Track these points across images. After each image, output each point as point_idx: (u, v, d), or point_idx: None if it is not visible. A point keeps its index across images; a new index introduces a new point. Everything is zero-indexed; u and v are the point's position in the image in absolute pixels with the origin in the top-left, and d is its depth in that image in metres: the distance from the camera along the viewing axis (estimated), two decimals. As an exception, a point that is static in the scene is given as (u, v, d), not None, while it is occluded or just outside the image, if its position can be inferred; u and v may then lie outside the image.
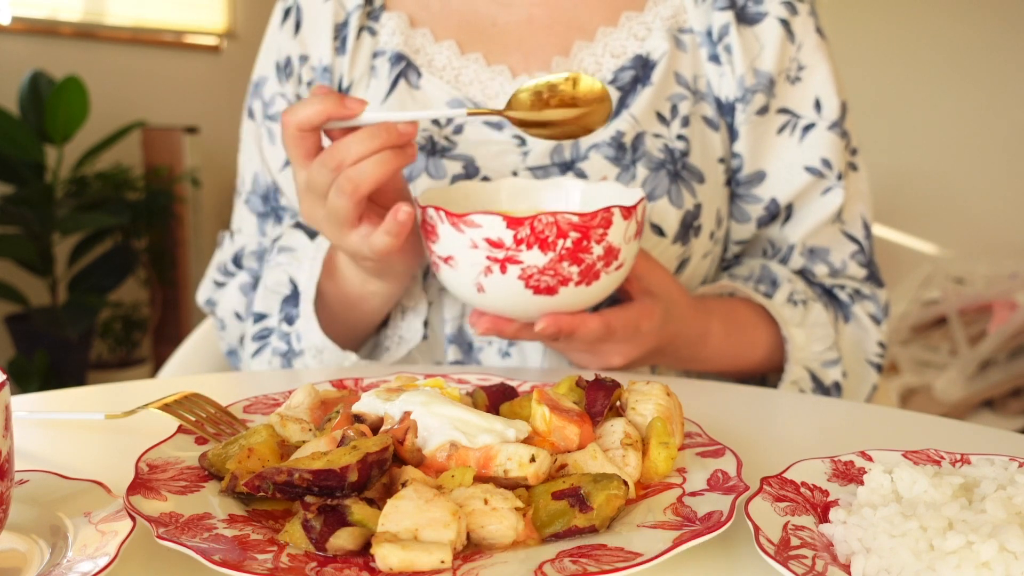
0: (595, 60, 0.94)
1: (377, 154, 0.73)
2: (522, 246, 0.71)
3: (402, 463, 0.52)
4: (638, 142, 0.91)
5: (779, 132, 0.95)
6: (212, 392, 0.67)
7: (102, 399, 0.75)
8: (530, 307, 0.75)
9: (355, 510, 0.46)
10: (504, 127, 0.93)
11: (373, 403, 0.57)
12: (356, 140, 0.73)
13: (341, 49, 0.98)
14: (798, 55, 0.95)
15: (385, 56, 0.97)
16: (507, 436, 0.53)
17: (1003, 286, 3.13)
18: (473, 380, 0.73)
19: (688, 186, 0.92)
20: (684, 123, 0.93)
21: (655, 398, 0.58)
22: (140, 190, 3.33)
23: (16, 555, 0.47)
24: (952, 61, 3.66)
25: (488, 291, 0.74)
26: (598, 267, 0.73)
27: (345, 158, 0.73)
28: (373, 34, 0.98)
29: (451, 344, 0.94)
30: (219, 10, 3.93)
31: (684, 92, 0.94)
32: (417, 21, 0.98)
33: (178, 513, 0.48)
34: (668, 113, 0.93)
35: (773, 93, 0.94)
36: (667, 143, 0.92)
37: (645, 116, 0.92)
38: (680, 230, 0.91)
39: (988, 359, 2.94)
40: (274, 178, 1.01)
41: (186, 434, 0.60)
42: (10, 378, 0.46)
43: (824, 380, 0.95)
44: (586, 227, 0.71)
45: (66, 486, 0.52)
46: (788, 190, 0.96)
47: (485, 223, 0.71)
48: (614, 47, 0.95)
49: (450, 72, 0.96)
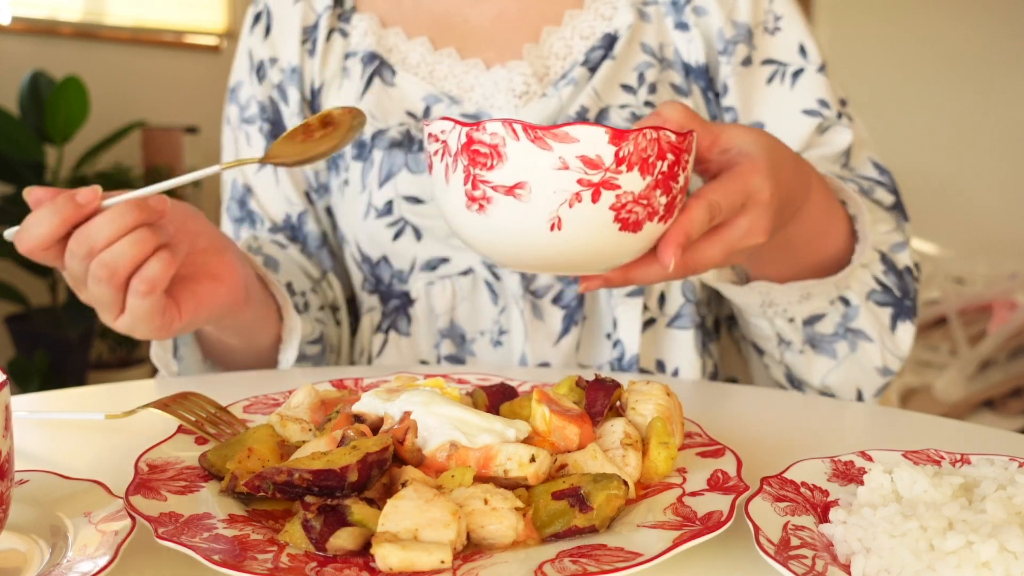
0: (565, 43, 0.95)
1: (130, 233, 0.67)
2: (623, 166, 0.58)
3: (402, 463, 0.52)
4: (601, 117, 0.92)
5: (768, 82, 0.94)
6: (212, 392, 0.67)
7: (102, 399, 0.75)
8: (608, 248, 0.61)
9: (355, 510, 0.46)
10: (481, 118, 0.93)
11: (373, 403, 0.57)
12: (105, 221, 0.66)
13: (312, 51, 0.99)
14: (772, 7, 0.95)
15: (357, 57, 0.97)
16: (507, 436, 0.53)
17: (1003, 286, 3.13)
18: (473, 380, 0.73)
19: None
20: (651, 90, 0.93)
21: (655, 398, 0.58)
22: (140, 190, 3.33)
23: (16, 555, 0.47)
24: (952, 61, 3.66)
25: (566, 227, 0.59)
26: (677, 201, 0.61)
27: (95, 243, 0.66)
28: (344, 36, 0.99)
29: (444, 338, 0.94)
30: (219, 10, 3.93)
31: (650, 60, 0.94)
32: (388, 21, 0.99)
33: (178, 513, 0.48)
34: (635, 82, 0.93)
35: (753, 44, 0.94)
36: (634, 111, 0.92)
37: (607, 89, 0.92)
38: None
39: (988, 359, 2.94)
40: (247, 181, 1.02)
41: (186, 434, 0.59)
42: (10, 378, 0.46)
43: (896, 263, 0.86)
44: (679, 149, 0.60)
45: (66, 486, 0.52)
46: (790, 140, 0.93)
47: (584, 137, 0.57)
48: (582, 29, 0.95)
49: (424, 68, 0.96)
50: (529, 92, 0.93)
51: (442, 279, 0.94)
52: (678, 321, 0.94)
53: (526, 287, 0.93)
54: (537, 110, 0.92)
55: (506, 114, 0.93)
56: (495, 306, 0.94)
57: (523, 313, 0.92)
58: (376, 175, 0.94)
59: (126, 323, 0.71)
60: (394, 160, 0.93)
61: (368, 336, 0.99)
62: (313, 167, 1.00)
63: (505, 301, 0.94)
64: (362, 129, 0.73)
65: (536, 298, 0.93)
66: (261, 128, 1.01)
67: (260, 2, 1.03)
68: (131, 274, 0.68)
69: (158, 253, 0.68)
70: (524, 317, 0.92)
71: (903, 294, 0.86)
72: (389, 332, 0.97)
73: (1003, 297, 3.04)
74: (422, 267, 0.95)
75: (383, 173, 0.94)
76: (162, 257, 0.68)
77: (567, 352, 0.93)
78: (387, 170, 0.93)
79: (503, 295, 0.94)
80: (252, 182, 1.01)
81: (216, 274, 0.77)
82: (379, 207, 0.94)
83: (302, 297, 0.94)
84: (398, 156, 0.93)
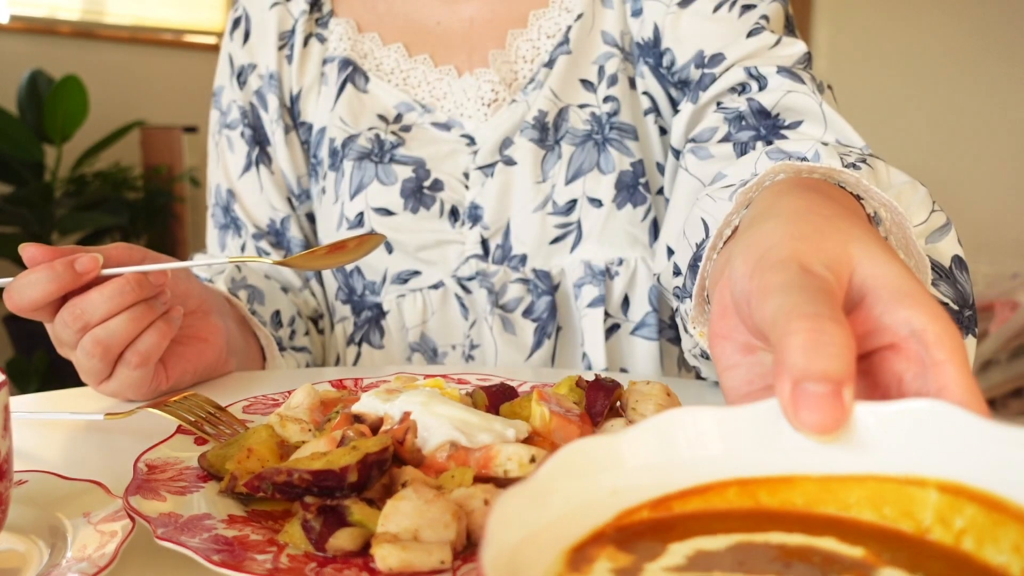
0: (532, 45, 0.93)
1: (127, 311, 0.66)
2: None
3: (402, 463, 0.52)
4: (560, 119, 0.90)
5: (715, 11, 0.84)
6: (212, 392, 0.67)
7: (101, 399, 0.75)
8: None
9: (355, 510, 0.46)
10: (452, 127, 0.93)
11: (373, 403, 0.57)
12: (103, 297, 0.65)
13: (290, 57, 0.98)
14: None
15: (334, 63, 0.97)
16: (507, 436, 0.53)
17: (1004, 286, 3.13)
18: (473, 380, 0.73)
19: (620, 146, 0.90)
20: (612, 82, 0.90)
21: (655, 398, 0.58)
22: (139, 190, 3.33)
23: (15, 555, 0.47)
24: (952, 61, 3.66)
25: None
26: None
27: (91, 318, 0.65)
28: (322, 41, 0.98)
29: (415, 352, 0.94)
30: (218, 9, 3.93)
31: (612, 50, 0.91)
32: (364, 26, 0.98)
33: (177, 513, 0.48)
34: (595, 77, 0.91)
35: None
36: (593, 111, 0.90)
37: (566, 89, 0.91)
38: (620, 193, 0.89)
39: (989, 359, 2.94)
40: (231, 186, 1.01)
41: (185, 434, 0.59)
42: (9, 378, 0.46)
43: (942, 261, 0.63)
44: None
45: (65, 486, 0.52)
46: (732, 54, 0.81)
47: None
48: (547, 27, 0.93)
49: (398, 75, 0.96)
50: (498, 99, 0.92)
51: (413, 292, 0.94)
52: (642, 330, 0.92)
53: (494, 302, 0.91)
54: (505, 117, 0.91)
55: (476, 122, 0.92)
56: (465, 320, 0.93)
57: (492, 328, 0.91)
58: (347, 186, 0.93)
59: (111, 389, 0.71)
60: (364, 172, 0.92)
61: (342, 345, 0.99)
62: (295, 173, 1.00)
63: (476, 315, 0.93)
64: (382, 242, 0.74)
65: (506, 312, 0.92)
66: (243, 133, 1.00)
67: (239, 6, 1.02)
68: (124, 349, 0.67)
69: (155, 325, 0.68)
70: (494, 332, 0.91)
71: (961, 303, 0.63)
72: (362, 344, 0.97)
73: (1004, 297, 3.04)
74: (393, 280, 0.94)
75: (353, 185, 0.93)
76: (158, 329, 0.68)
77: (540, 366, 0.91)
78: (358, 182, 0.93)
79: (473, 309, 0.93)
80: (236, 187, 1.01)
81: (203, 336, 0.77)
82: (350, 218, 0.93)
83: (289, 327, 0.93)
84: (368, 168, 0.92)
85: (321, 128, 0.98)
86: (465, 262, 0.93)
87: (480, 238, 0.92)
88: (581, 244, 0.91)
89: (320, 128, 0.98)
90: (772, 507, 0.34)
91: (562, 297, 0.92)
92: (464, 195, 0.92)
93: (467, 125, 0.93)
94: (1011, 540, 0.30)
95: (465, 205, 0.92)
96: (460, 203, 0.92)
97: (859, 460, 0.33)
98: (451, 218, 0.92)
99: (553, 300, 0.91)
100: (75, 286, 0.66)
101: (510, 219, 0.91)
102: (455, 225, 0.92)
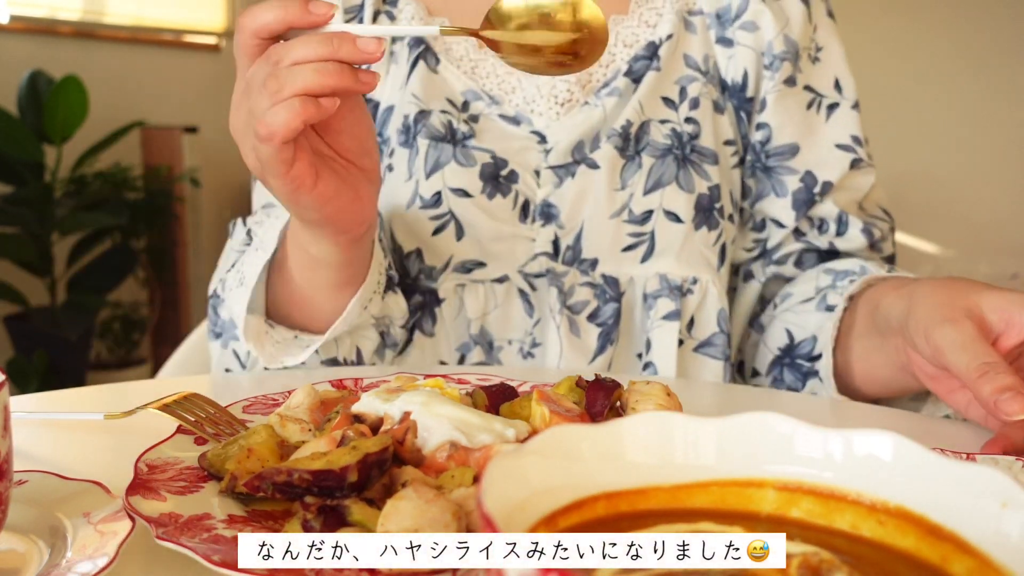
0: (607, 50, 0.93)
1: (321, 62, 0.62)
2: None
3: (402, 463, 0.52)
4: (642, 131, 0.91)
5: (808, 108, 0.95)
6: (212, 392, 0.67)
7: (101, 399, 0.75)
8: None
9: (355, 510, 0.46)
10: (521, 122, 0.92)
11: (373, 403, 0.57)
12: (302, 42, 0.62)
13: None
14: (815, 36, 0.96)
15: (404, 40, 0.95)
16: (507, 436, 0.53)
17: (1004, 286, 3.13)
18: (473, 380, 0.73)
19: (699, 169, 0.91)
20: (694, 105, 0.92)
21: (655, 398, 0.58)
22: (139, 190, 3.33)
23: (15, 556, 0.47)
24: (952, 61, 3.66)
25: None
26: None
27: (283, 57, 0.63)
28: (392, 19, 0.97)
29: (476, 344, 0.92)
30: (218, 9, 3.93)
31: (694, 74, 0.93)
32: (434, 10, 0.97)
33: (177, 513, 0.48)
34: (676, 96, 0.93)
35: (799, 67, 0.94)
36: (675, 127, 0.91)
37: (650, 102, 0.92)
38: (699, 215, 0.91)
39: (988, 359, 2.94)
40: None
41: (185, 434, 0.59)
42: (9, 378, 0.46)
43: None
44: None
45: (65, 487, 0.52)
46: (825, 170, 0.94)
47: None
48: (625, 36, 0.94)
49: (467, 63, 0.95)
50: (572, 100, 0.92)
51: (474, 283, 0.92)
52: (707, 348, 0.93)
53: (563, 302, 0.91)
54: (580, 119, 0.91)
55: (546, 121, 0.92)
56: (530, 318, 0.92)
57: (559, 328, 0.90)
58: (422, 164, 0.91)
59: (251, 161, 0.67)
60: (441, 151, 0.91)
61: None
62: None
63: (541, 313, 0.92)
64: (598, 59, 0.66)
65: (573, 314, 0.91)
66: None
67: None
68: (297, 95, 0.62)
69: (295, 101, 0.62)
70: (560, 332, 0.90)
71: None
72: (414, 331, 0.94)
73: (1003, 297, 3.03)
74: (456, 268, 0.92)
75: (429, 163, 0.91)
76: (292, 106, 0.62)
77: (600, 371, 0.89)
78: (434, 160, 0.91)
79: (539, 307, 0.92)
80: None
81: (360, 195, 0.72)
82: (426, 197, 0.91)
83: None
84: (445, 148, 0.91)
85: (388, 107, 0.96)
86: (534, 259, 0.92)
87: (553, 237, 0.92)
88: (653, 256, 0.92)
89: (387, 107, 0.96)
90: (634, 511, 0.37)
91: (627, 305, 0.92)
92: (536, 192, 0.92)
93: (536, 122, 0.92)
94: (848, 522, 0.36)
95: (537, 202, 0.92)
96: (532, 199, 0.92)
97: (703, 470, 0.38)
98: (522, 213, 0.92)
99: (619, 307, 0.91)
100: (302, 23, 0.63)
101: (584, 222, 0.91)
102: (525, 221, 0.92)
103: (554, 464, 0.35)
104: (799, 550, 0.33)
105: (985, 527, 0.32)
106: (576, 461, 0.36)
